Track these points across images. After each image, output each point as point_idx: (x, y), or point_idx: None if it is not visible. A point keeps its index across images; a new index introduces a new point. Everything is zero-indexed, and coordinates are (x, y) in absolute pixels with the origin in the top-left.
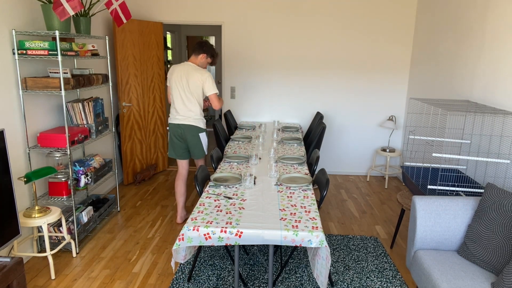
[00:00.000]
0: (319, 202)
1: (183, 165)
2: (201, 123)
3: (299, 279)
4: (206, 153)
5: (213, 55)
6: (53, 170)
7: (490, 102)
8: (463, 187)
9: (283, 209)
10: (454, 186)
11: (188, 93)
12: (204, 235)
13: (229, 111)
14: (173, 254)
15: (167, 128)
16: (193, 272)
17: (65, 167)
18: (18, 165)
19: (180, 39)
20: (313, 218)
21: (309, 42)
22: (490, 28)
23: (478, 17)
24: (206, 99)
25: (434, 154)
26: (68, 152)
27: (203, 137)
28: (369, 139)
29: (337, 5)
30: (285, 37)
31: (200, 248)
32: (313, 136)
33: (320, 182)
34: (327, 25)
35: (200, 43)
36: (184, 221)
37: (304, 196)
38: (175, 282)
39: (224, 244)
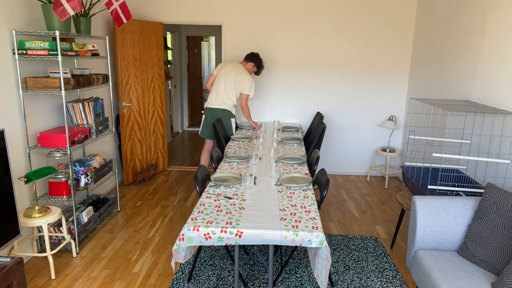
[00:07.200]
0: (319, 202)
1: (210, 143)
2: (233, 110)
3: (299, 279)
4: (234, 134)
5: (259, 67)
6: (53, 170)
7: (490, 102)
8: (463, 187)
9: (283, 209)
10: (454, 186)
11: (232, 85)
12: (204, 235)
13: None
14: (173, 254)
15: (202, 112)
16: (193, 272)
17: (65, 167)
18: (18, 165)
19: (180, 39)
20: (313, 218)
21: (309, 42)
22: (490, 28)
23: (478, 17)
24: None
25: (434, 154)
26: (68, 152)
27: (233, 121)
28: (369, 139)
29: (337, 5)
30: (285, 37)
31: (200, 248)
32: (313, 136)
33: (320, 182)
34: (327, 25)
35: (252, 54)
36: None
37: (304, 196)
38: (175, 282)
39: (224, 244)
